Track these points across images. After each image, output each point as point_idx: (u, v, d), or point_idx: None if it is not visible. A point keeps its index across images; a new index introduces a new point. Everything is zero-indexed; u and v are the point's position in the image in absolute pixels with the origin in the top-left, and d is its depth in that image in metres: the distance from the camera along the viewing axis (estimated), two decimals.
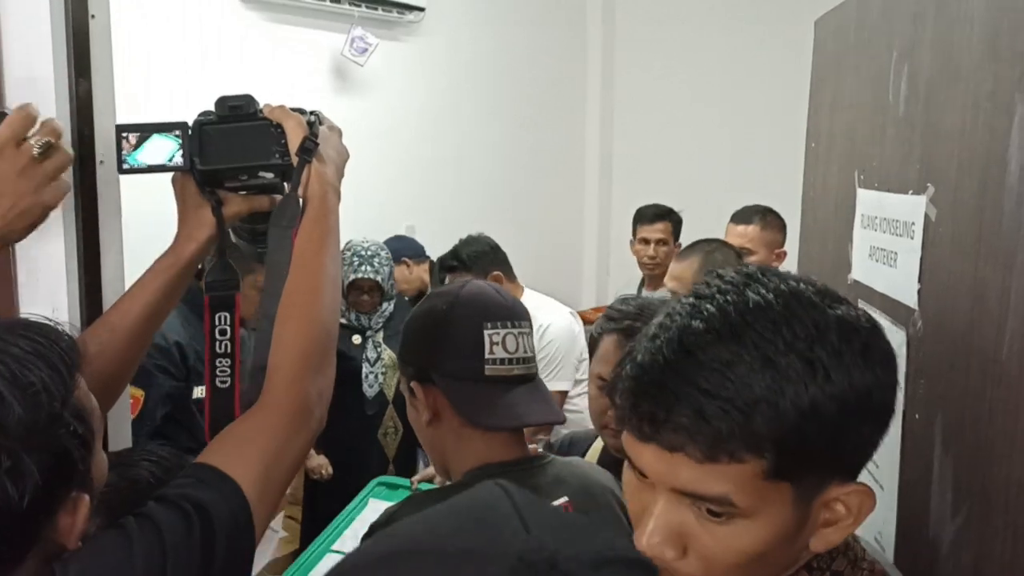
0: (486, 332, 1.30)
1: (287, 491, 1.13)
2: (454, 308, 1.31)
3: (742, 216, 3.38)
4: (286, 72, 3.68)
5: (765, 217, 3.34)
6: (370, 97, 4.10)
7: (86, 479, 0.87)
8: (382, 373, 3.31)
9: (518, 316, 1.34)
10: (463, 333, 1.30)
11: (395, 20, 4.18)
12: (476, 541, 0.55)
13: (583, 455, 1.93)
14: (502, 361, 1.30)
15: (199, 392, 2.25)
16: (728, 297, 0.76)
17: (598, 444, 1.96)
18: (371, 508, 2.47)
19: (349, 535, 2.32)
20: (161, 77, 3.18)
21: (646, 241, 3.91)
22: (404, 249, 3.86)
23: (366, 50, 3.94)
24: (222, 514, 0.96)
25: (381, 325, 3.35)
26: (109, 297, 1.40)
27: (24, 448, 0.78)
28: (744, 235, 3.31)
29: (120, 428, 1.42)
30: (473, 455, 1.32)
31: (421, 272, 4.11)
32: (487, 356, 1.29)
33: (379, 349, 3.33)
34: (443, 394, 1.30)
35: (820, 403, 0.72)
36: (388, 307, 3.37)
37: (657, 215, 3.94)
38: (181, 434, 2.43)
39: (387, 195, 4.00)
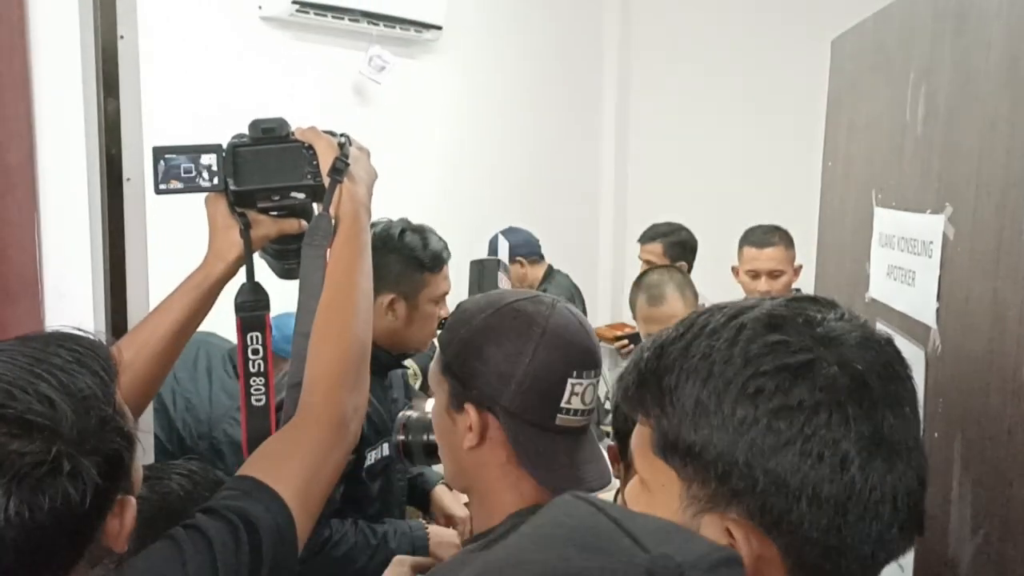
0: (570, 381, 1.15)
1: None
2: (542, 342, 1.15)
3: (760, 239, 3.31)
4: (305, 90, 3.71)
5: (781, 235, 3.32)
6: (388, 115, 4.13)
7: (131, 482, 0.90)
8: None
9: (598, 362, 1.20)
10: (546, 377, 1.14)
11: (413, 39, 4.22)
12: (594, 564, 0.51)
13: None
14: (575, 412, 1.17)
15: (372, 458, 2.00)
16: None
17: None
18: None
19: None
20: (180, 95, 3.21)
21: (641, 260, 3.94)
22: (520, 246, 3.64)
23: (384, 68, 3.97)
24: (267, 526, 0.99)
25: None
26: (134, 314, 1.42)
27: (80, 452, 0.81)
28: (773, 258, 3.26)
29: (143, 442, 1.44)
30: (519, 496, 1.16)
31: (536, 274, 4.01)
32: (563, 405, 1.15)
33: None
34: (503, 430, 1.15)
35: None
36: None
37: (652, 236, 3.96)
38: (349, 506, 2.06)
39: (402, 212, 4.00)
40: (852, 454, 0.70)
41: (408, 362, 3.26)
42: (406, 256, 2.17)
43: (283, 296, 1.42)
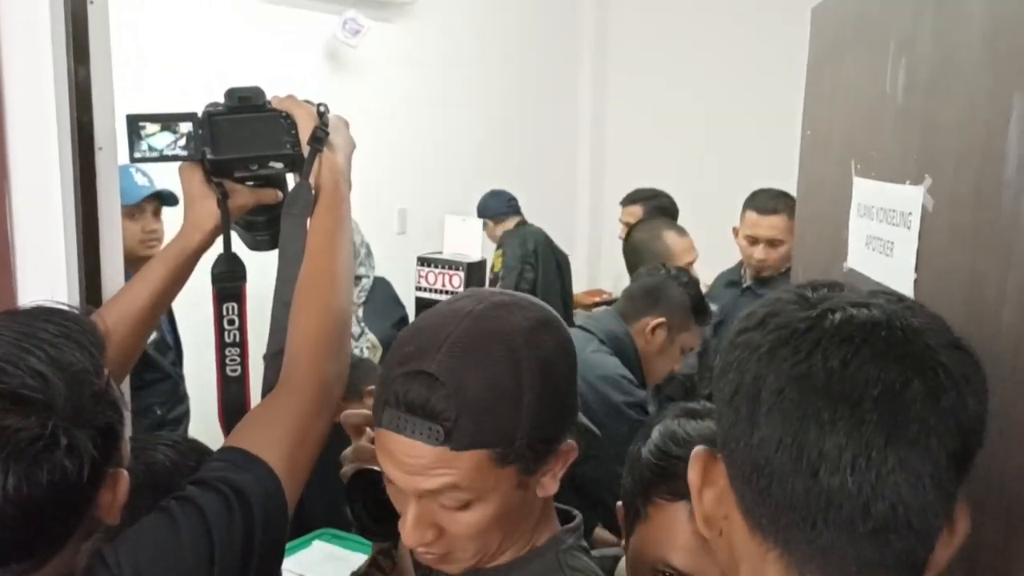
0: None
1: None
2: None
3: (764, 205, 3.08)
4: (279, 54, 3.66)
5: (787, 203, 2.94)
6: (363, 80, 4.09)
7: (121, 455, 0.90)
8: (368, 348, 3.24)
9: None
10: None
11: (388, 2, 4.17)
12: None
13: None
14: None
15: None
16: None
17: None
18: (317, 549, 2.43)
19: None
20: (153, 61, 3.16)
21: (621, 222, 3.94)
22: (487, 209, 4.24)
23: (359, 32, 3.93)
24: (258, 495, 1.00)
25: (363, 300, 3.29)
26: (108, 284, 1.40)
27: (75, 426, 0.81)
28: (775, 226, 3.03)
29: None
30: None
31: (502, 228, 4.27)
32: None
33: (361, 324, 3.25)
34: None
35: None
36: (367, 281, 3.32)
37: (633, 198, 3.95)
38: None
39: (379, 178, 3.99)
40: (764, 396, 0.62)
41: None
42: (689, 297, 2.37)
43: (259, 265, 1.41)
